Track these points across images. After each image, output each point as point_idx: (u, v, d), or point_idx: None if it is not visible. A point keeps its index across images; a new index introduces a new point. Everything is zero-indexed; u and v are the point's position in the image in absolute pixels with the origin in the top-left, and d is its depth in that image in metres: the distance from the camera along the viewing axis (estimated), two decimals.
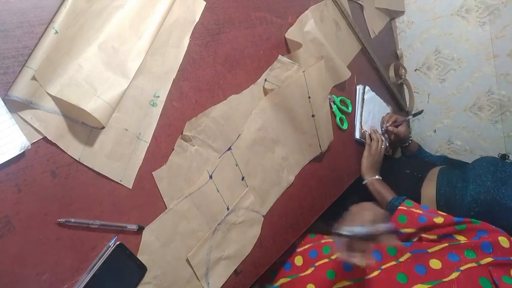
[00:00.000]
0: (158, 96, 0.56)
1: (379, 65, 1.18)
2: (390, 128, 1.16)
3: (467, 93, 1.36)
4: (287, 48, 0.81)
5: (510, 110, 1.29)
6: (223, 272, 0.64)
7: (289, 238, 0.80)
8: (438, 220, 0.71)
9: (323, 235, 0.86)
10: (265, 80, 0.74)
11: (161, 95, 0.56)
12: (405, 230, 0.75)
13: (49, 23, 0.44)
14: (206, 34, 0.63)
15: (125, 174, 0.51)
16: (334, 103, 0.95)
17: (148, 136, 0.54)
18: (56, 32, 0.43)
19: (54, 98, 0.44)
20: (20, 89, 0.41)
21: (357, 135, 1.05)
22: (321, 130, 0.85)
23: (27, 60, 0.42)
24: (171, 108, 0.58)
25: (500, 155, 1.28)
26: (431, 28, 1.37)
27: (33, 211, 0.42)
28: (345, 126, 0.99)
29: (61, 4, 0.44)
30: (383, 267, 0.67)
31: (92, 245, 0.47)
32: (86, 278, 0.46)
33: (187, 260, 0.58)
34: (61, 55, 0.44)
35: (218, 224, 0.63)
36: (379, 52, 1.19)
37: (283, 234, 0.78)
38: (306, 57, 0.80)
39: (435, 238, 0.70)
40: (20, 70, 0.41)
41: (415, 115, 1.27)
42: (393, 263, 0.67)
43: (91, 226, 0.47)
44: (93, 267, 0.47)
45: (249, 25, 0.72)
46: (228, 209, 0.65)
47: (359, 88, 1.06)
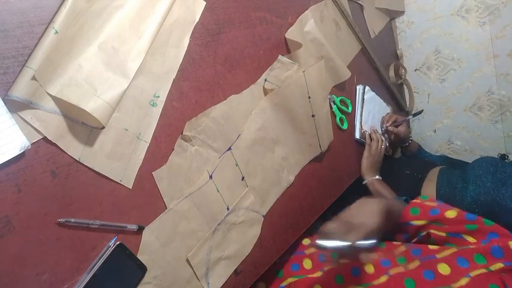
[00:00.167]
0: (158, 96, 0.56)
1: (379, 65, 1.18)
2: (390, 128, 1.16)
3: (467, 93, 1.36)
4: (287, 48, 0.81)
5: (510, 110, 1.29)
6: (223, 272, 0.64)
7: (289, 238, 0.80)
8: (450, 214, 0.69)
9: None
10: (265, 80, 0.74)
11: (161, 95, 0.56)
12: (415, 223, 0.73)
13: (49, 23, 0.44)
14: (206, 34, 0.63)
15: (125, 174, 0.51)
16: (334, 103, 0.95)
17: (148, 136, 0.54)
18: (56, 32, 0.43)
19: (54, 98, 0.44)
20: (20, 89, 0.40)
21: (357, 135, 1.05)
22: (321, 130, 0.85)
23: (27, 60, 0.42)
24: (171, 108, 0.58)
25: (499, 155, 1.29)
26: (431, 28, 1.37)
27: (33, 211, 0.42)
28: (345, 126, 0.99)
29: (61, 4, 0.44)
30: (391, 272, 0.67)
31: (92, 245, 0.47)
32: (86, 278, 0.46)
33: (187, 260, 0.58)
34: (61, 55, 0.44)
35: (218, 224, 0.63)
36: (379, 52, 1.19)
37: (283, 234, 0.78)
38: (306, 57, 0.80)
39: (443, 235, 0.69)
40: (20, 70, 0.41)
41: (415, 115, 1.27)
42: (401, 269, 0.67)
43: (91, 226, 0.47)
44: (93, 267, 0.47)
45: (249, 25, 0.72)
46: (228, 209, 0.65)
47: (359, 88, 1.06)
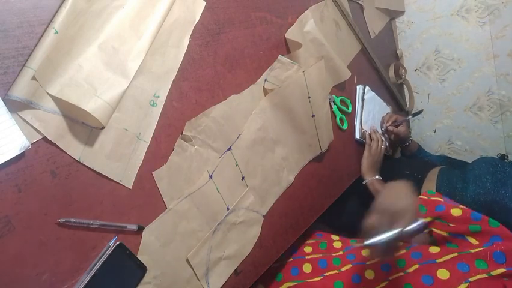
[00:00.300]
0: (158, 96, 0.56)
1: (379, 65, 1.18)
2: (390, 128, 1.16)
3: (467, 93, 1.36)
4: (287, 48, 0.81)
5: (510, 110, 1.29)
6: (223, 272, 0.64)
7: (289, 238, 0.80)
8: (455, 212, 0.68)
9: (332, 244, 0.86)
10: (265, 80, 0.74)
11: (161, 95, 0.56)
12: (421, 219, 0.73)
13: (49, 23, 0.44)
14: (206, 34, 0.63)
15: (125, 174, 0.51)
16: (334, 103, 0.95)
17: (148, 136, 0.54)
18: (56, 32, 0.43)
19: (54, 98, 0.44)
20: (20, 89, 0.40)
21: (357, 135, 1.05)
22: (321, 130, 0.85)
23: (27, 60, 0.42)
24: (171, 108, 0.58)
25: (499, 155, 1.29)
26: (431, 28, 1.37)
27: (33, 211, 0.42)
28: (345, 126, 0.99)
29: (61, 4, 0.44)
30: (391, 278, 0.67)
31: (92, 245, 0.47)
32: (86, 278, 0.46)
33: (187, 260, 0.58)
34: (61, 55, 0.44)
35: (218, 224, 0.63)
36: (379, 52, 1.19)
37: (283, 234, 0.78)
38: (306, 57, 0.80)
39: (445, 235, 0.68)
40: (20, 70, 0.41)
41: (415, 115, 1.27)
42: (400, 274, 0.66)
43: (91, 226, 0.47)
44: (93, 267, 0.47)
45: (249, 25, 0.72)
46: (228, 209, 0.65)
47: (359, 88, 1.06)
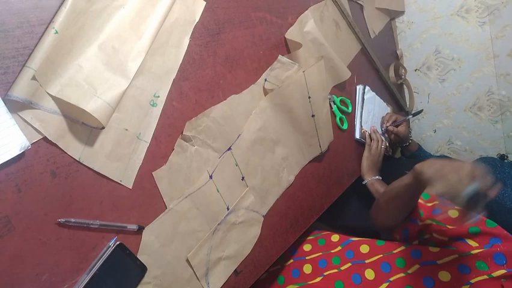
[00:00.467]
0: (158, 96, 0.56)
1: (379, 65, 1.18)
2: (390, 128, 1.16)
3: (467, 93, 1.36)
4: (287, 48, 0.81)
5: (510, 110, 1.29)
6: (223, 272, 0.64)
7: (289, 238, 0.80)
8: (453, 214, 0.68)
9: (330, 238, 0.86)
10: (265, 80, 0.74)
11: (161, 95, 0.56)
12: (419, 222, 0.73)
13: (49, 23, 0.43)
14: (206, 34, 0.63)
15: (125, 174, 0.51)
16: (334, 103, 0.95)
17: (148, 136, 0.54)
18: (56, 32, 0.43)
19: (54, 98, 0.44)
20: (20, 89, 0.40)
21: (357, 135, 1.05)
22: (321, 130, 0.85)
23: (27, 60, 0.42)
24: (171, 108, 0.58)
25: (499, 155, 1.29)
26: (431, 28, 1.37)
27: (33, 211, 0.42)
28: (345, 126, 0.99)
29: (61, 4, 0.44)
30: (391, 279, 0.67)
31: (92, 245, 0.47)
32: (86, 278, 0.46)
33: (187, 260, 0.58)
34: (61, 55, 0.44)
35: (218, 224, 0.63)
36: (379, 52, 1.19)
37: (283, 234, 0.78)
38: (306, 57, 0.80)
39: (446, 240, 0.68)
40: (20, 70, 0.41)
41: (415, 115, 1.27)
42: (401, 275, 0.66)
43: (91, 226, 0.47)
44: (93, 267, 0.47)
45: (249, 25, 0.72)
46: (228, 209, 0.65)
47: (359, 88, 1.06)
